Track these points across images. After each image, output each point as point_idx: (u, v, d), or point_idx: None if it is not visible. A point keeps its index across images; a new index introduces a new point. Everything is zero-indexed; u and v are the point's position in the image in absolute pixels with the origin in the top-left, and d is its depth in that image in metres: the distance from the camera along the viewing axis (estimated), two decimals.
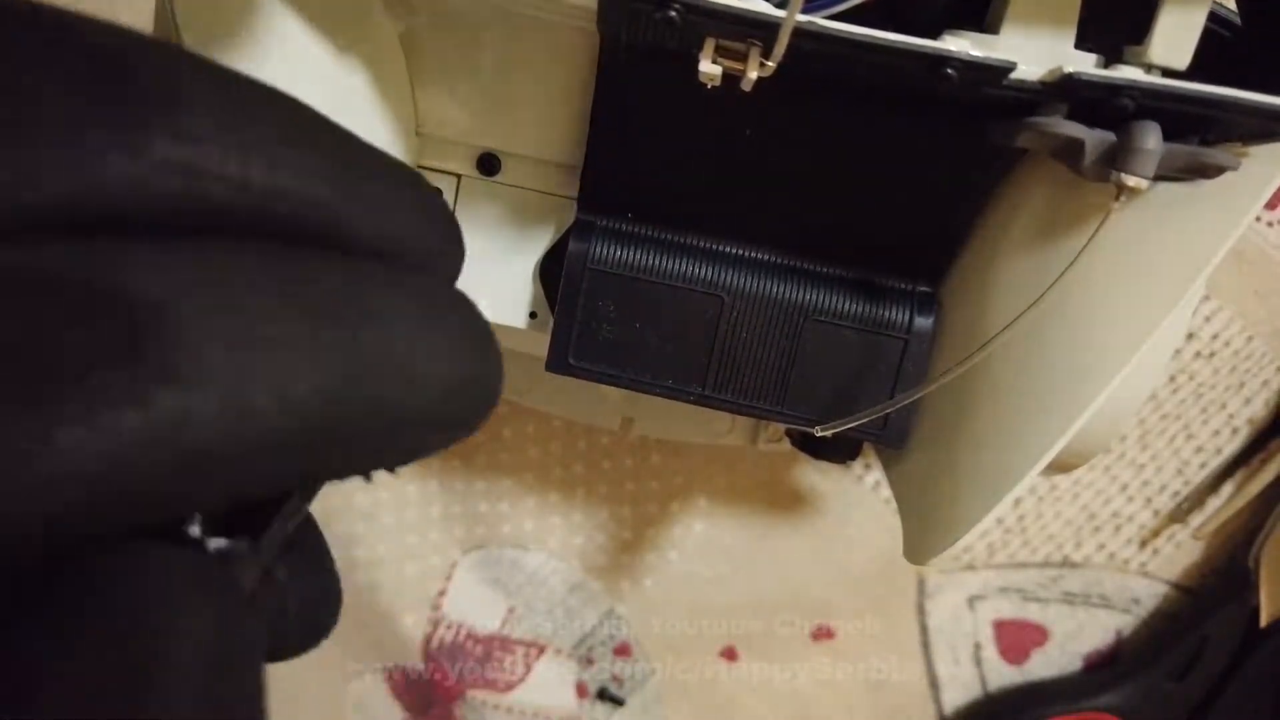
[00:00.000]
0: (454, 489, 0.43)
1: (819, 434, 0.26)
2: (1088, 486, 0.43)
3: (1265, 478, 0.41)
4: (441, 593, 0.44)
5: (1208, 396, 0.41)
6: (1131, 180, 0.20)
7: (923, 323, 0.27)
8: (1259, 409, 0.41)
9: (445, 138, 0.29)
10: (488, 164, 0.29)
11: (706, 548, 0.43)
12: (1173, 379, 0.41)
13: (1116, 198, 0.21)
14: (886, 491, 0.42)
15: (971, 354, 0.23)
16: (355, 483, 0.13)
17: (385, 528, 0.43)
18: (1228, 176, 0.22)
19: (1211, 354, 0.41)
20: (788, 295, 0.27)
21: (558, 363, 0.28)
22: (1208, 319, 0.40)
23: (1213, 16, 0.21)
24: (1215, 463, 0.42)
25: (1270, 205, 0.40)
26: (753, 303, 0.27)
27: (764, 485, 0.43)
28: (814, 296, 0.27)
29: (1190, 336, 0.41)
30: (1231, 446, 0.42)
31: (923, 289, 0.28)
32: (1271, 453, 0.41)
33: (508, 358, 0.13)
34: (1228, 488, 0.42)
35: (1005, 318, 0.23)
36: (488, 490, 0.43)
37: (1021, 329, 0.22)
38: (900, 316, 0.27)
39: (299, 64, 0.23)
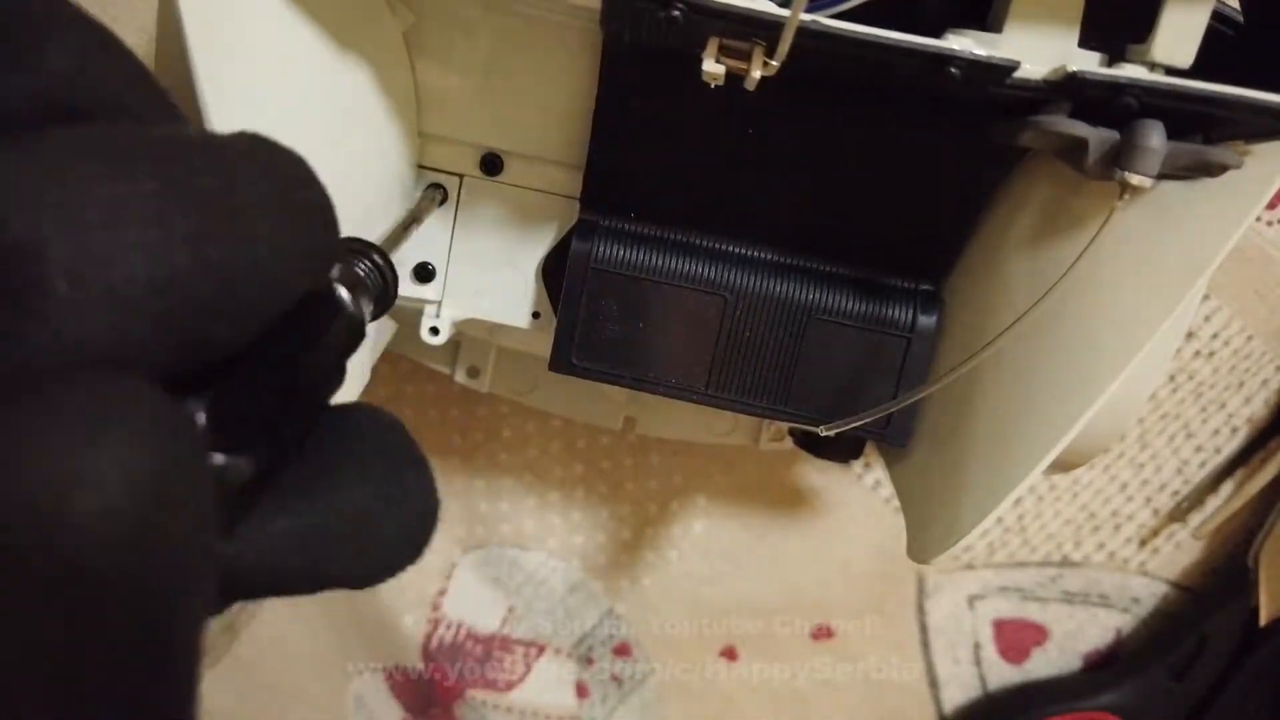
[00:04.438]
0: (454, 488, 0.42)
1: (824, 434, 0.26)
2: (1087, 486, 0.43)
3: (1265, 477, 0.41)
4: (441, 592, 0.44)
5: (1207, 396, 0.41)
6: (1135, 179, 0.21)
7: (926, 321, 0.27)
8: (1259, 408, 0.41)
9: (448, 137, 0.29)
10: (490, 164, 0.29)
11: (706, 547, 0.43)
12: (1172, 378, 0.41)
13: (1120, 196, 0.21)
14: (886, 491, 0.42)
15: (975, 353, 0.23)
16: None
17: None
18: (1230, 175, 0.22)
19: (1211, 353, 0.41)
20: (791, 294, 0.27)
21: (561, 362, 0.28)
22: (1208, 318, 0.40)
23: (1216, 14, 0.21)
24: (1215, 462, 0.42)
25: (1270, 205, 0.40)
26: (756, 302, 0.27)
27: (763, 485, 0.42)
28: (817, 295, 0.27)
29: (1190, 336, 0.41)
30: (1231, 446, 0.42)
31: (926, 287, 0.28)
32: (1271, 452, 0.41)
33: (512, 358, 0.12)
34: (1228, 487, 0.42)
35: (1008, 316, 0.23)
36: (487, 490, 0.42)
37: (1024, 328, 0.22)
38: (903, 315, 0.27)
39: (302, 63, 0.23)
